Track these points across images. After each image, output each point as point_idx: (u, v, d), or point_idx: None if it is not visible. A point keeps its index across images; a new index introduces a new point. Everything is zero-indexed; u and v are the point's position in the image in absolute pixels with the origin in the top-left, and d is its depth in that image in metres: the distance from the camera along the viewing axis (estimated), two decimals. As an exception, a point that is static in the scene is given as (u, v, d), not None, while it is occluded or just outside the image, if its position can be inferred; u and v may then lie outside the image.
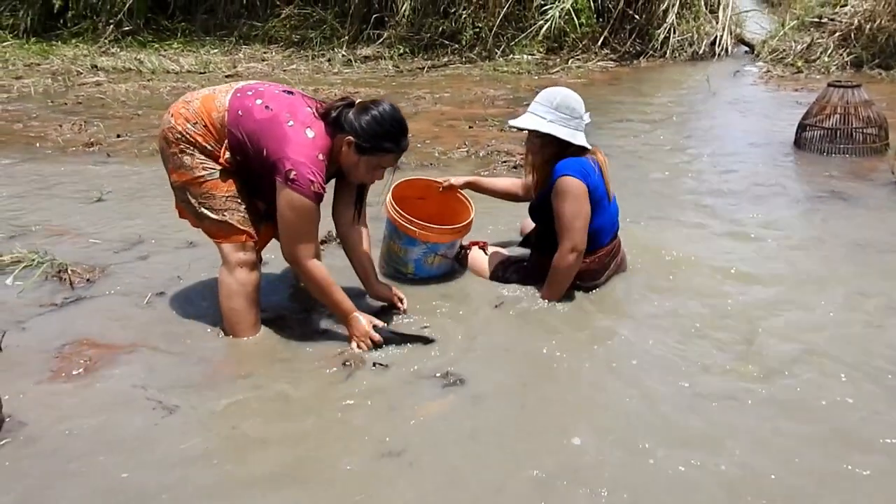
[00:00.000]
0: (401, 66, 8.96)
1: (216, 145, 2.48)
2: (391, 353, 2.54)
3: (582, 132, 2.86)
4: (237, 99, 2.47)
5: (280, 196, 2.38)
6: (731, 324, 2.73)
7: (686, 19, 9.57)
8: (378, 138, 2.47)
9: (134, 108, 6.69)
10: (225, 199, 2.53)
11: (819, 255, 3.36)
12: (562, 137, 2.80)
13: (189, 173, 2.50)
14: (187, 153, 2.48)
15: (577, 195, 2.75)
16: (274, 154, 2.37)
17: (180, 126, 2.47)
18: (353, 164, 2.52)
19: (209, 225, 2.56)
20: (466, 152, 5.16)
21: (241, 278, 2.60)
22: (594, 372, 2.45)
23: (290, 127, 2.40)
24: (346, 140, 2.46)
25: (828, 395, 2.29)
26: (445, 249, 3.09)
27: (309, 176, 2.34)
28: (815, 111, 5.05)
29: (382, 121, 2.47)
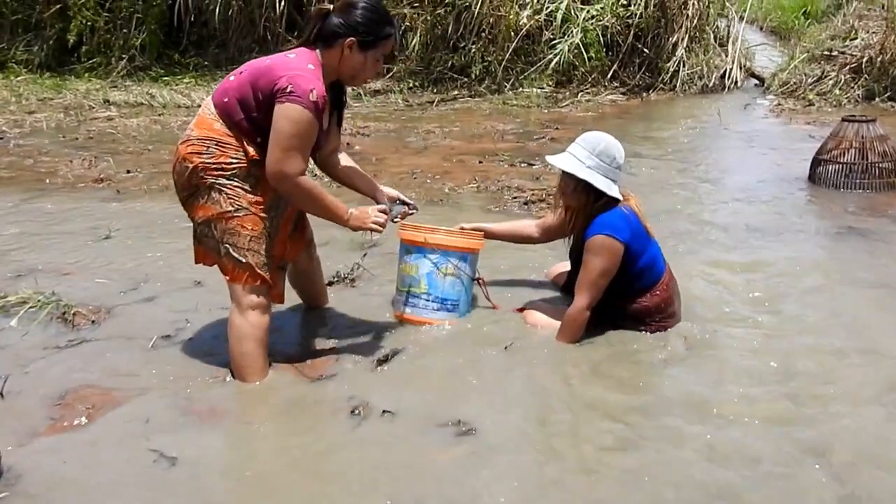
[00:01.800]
0: (410, 99, 8.98)
1: (237, 153, 2.43)
2: (401, 401, 2.46)
3: (617, 182, 2.83)
4: (215, 96, 2.46)
5: (276, 114, 2.30)
6: (757, 373, 2.64)
7: (695, 52, 9.57)
8: (379, 26, 2.46)
9: (144, 143, 6.70)
10: (249, 240, 2.48)
11: (842, 296, 3.26)
12: (597, 187, 2.77)
13: (216, 207, 2.45)
14: (216, 187, 2.44)
15: (613, 254, 2.74)
16: (268, 85, 2.31)
17: (199, 163, 2.43)
18: (360, 64, 2.48)
19: (228, 262, 2.51)
20: (476, 188, 5.12)
21: (253, 321, 2.54)
22: (606, 423, 2.36)
23: (270, 61, 2.39)
24: (345, 44, 2.42)
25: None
26: (457, 261, 2.98)
27: (307, 85, 2.28)
28: (830, 146, 5.00)
29: (374, 8, 2.46)
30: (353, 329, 3.00)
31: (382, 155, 6.17)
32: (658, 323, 2.89)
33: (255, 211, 2.48)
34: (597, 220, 2.79)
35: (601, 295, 2.79)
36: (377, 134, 7.09)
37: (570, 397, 2.49)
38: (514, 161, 5.88)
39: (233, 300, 2.56)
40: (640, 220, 2.85)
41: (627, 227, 2.77)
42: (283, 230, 2.64)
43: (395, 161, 5.98)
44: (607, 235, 2.73)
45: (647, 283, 2.86)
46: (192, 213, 2.53)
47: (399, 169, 5.71)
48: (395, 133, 7.15)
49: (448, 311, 3.01)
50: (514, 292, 3.31)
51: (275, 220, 2.57)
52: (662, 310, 2.88)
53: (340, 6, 2.45)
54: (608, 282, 2.78)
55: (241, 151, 2.43)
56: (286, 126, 2.29)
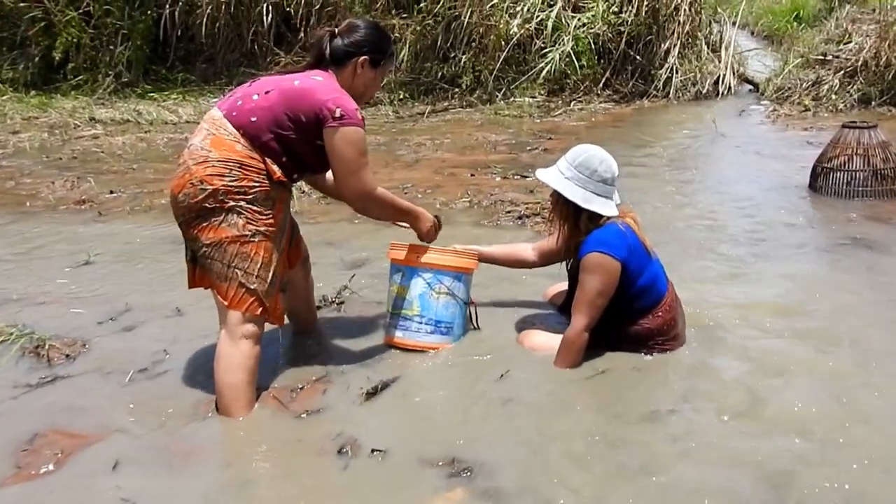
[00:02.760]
0: (401, 111, 8.86)
1: (260, 175, 2.35)
2: (391, 438, 2.31)
3: (605, 197, 2.70)
4: (237, 116, 2.36)
5: (333, 140, 2.33)
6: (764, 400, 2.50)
7: (688, 59, 9.47)
8: (384, 43, 2.55)
9: (129, 162, 6.56)
10: (260, 266, 2.38)
11: (851, 311, 3.13)
12: (571, 199, 2.66)
13: (232, 231, 2.34)
14: (235, 210, 2.33)
15: (609, 273, 2.61)
16: (312, 108, 2.32)
17: (221, 186, 2.31)
18: (371, 81, 2.54)
19: (230, 287, 2.37)
20: (469, 202, 4.98)
21: (245, 350, 2.41)
22: (612, 460, 2.22)
23: (300, 83, 2.37)
24: (359, 62, 2.47)
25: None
26: (451, 282, 2.84)
27: (352, 105, 2.34)
28: (831, 153, 4.88)
29: (376, 29, 2.58)
30: (340, 357, 2.86)
31: (373, 169, 5.99)
32: (661, 346, 2.75)
33: (269, 235, 2.40)
34: (591, 237, 2.67)
35: (600, 316, 2.66)
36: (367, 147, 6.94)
37: (572, 431, 2.34)
38: (507, 173, 5.76)
39: (225, 327, 2.42)
40: (639, 238, 2.71)
41: (623, 244, 2.64)
42: (284, 250, 2.55)
43: (386, 175, 5.84)
44: (602, 253, 2.60)
45: (648, 304, 2.72)
46: (199, 235, 2.37)
47: (390, 184, 5.55)
48: (385, 146, 7.02)
49: (442, 333, 2.86)
50: (511, 313, 3.17)
51: (281, 243, 2.49)
52: (665, 332, 2.74)
53: (345, 28, 2.51)
54: (606, 302, 2.64)
55: (263, 174, 2.36)
56: (351, 151, 2.35)
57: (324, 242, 3.91)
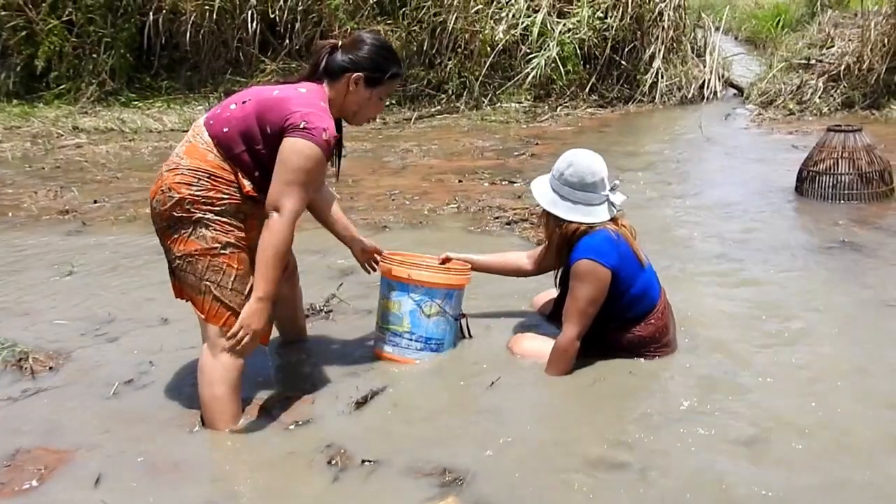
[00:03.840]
0: (387, 117, 8.83)
1: (230, 187, 2.28)
2: (381, 448, 2.28)
3: (593, 204, 2.66)
4: (213, 125, 2.30)
5: (283, 146, 2.19)
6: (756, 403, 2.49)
7: (673, 64, 9.52)
8: (386, 63, 2.42)
9: (113, 171, 6.49)
10: (233, 279, 2.31)
11: (837, 316, 3.14)
12: (556, 214, 2.66)
13: (200, 243, 2.28)
14: (203, 222, 2.27)
15: (600, 280, 2.57)
16: (279, 119, 2.20)
17: (187, 195, 2.25)
18: (365, 101, 2.43)
19: (205, 300, 2.32)
20: (457, 208, 4.96)
21: (227, 363, 2.36)
22: (604, 468, 2.20)
23: (279, 93, 2.28)
24: (352, 79, 2.36)
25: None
26: (442, 299, 2.78)
27: (320, 123, 2.19)
28: (816, 157, 4.90)
29: (382, 46, 2.44)
30: (329, 367, 2.82)
31: (359, 176, 6.00)
32: (652, 353, 2.73)
33: (242, 246, 2.33)
34: (580, 244, 2.63)
35: (590, 324, 2.63)
36: (354, 154, 6.92)
37: (563, 440, 2.32)
38: (495, 179, 5.74)
39: (205, 340, 2.38)
40: (630, 245, 2.68)
41: (614, 252, 2.61)
42: None
43: (373, 182, 5.81)
44: (592, 260, 2.57)
45: (640, 312, 2.70)
46: (171, 246, 2.33)
47: (377, 190, 5.55)
48: (372, 153, 6.99)
49: (432, 350, 2.82)
50: (499, 322, 3.14)
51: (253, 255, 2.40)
52: (657, 339, 2.72)
53: (349, 42, 2.42)
54: (597, 310, 2.62)
55: (233, 186, 2.29)
56: (294, 159, 2.18)
57: (310, 250, 3.87)
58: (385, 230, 4.52)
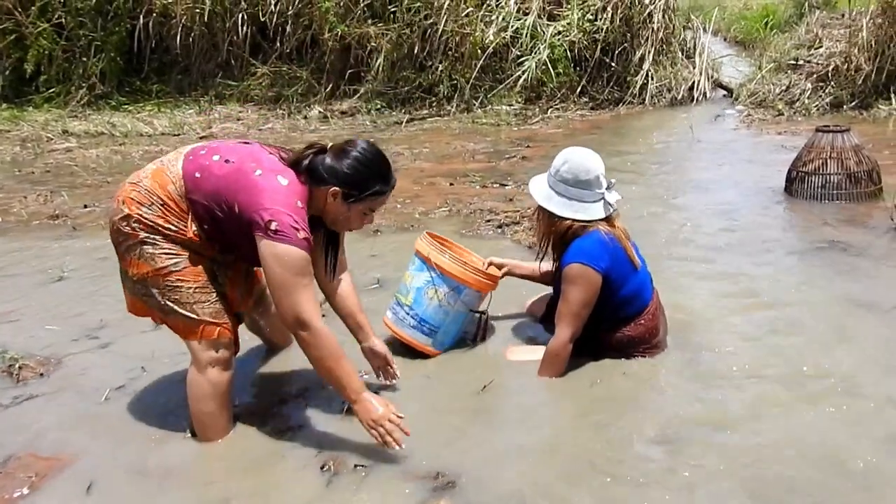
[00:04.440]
0: (378, 120, 8.84)
1: (179, 222, 2.21)
2: (374, 452, 2.28)
3: (588, 201, 2.65)
4: (191, 162, 2.21)
5: (263, 253, 2.08)
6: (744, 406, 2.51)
7: (663, 65, 9.56)
8: (367, 182, 2.24)
9: (104, 176, 6.47)
10: (193, 292, 2.26)
11: (829, 314, 3.16)
12: (549, 209, 2.65)
13: (150, 264, 2.21)
14: (148, 242, 2.20)
15: (591, 284, 2.57)
16: (248, 207, 2.10)
17: (135, 213, 2.20)
18: (343, 215, 2.29)
19: (176, 320, 2.28)
20: (448, 211, 4.97)
21: (214, 378, 2.33)
22: (597, 471, 2.21)
23: (259, 176, 2.13)
24: (330, 192, 2.21)
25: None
26: (450, 290, 2.82)
27: (292, 224, 2.07)
28: (805, 157, 4.92)
29: (367, 161, 2.24)
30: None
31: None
32: (641, 353, 2.75)
33: (193, 260, 2.26)
34: (572, 247, 2.63)
35: (583, 325, 2.64)
36: (345, 157, 6.91)
37: (555, 443, 2.33)
38: (486, 182, 5.75)
39: (191, 355, 2.35)
40: (623, 247, 2.69)
41: (605, 255, 2.61)
42: (234, 275, 2.42)
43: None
44: (582, 264, 2.58)
45: (631, 313, 2.72)
46: (126, 268, 2.28)
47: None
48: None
49: (423, 333, 2.86)
50: (493, 326, 3.15)
51: (221, 267, 2.36)
52: (647, 340, 2.74)
53: (337, 148, 2.26)
54: (589, 311, 2.63)
55: (182, 222, 2.22)
56: (282, 273, 2.08)
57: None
58: (377, 234, 4.52)
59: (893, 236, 4.08)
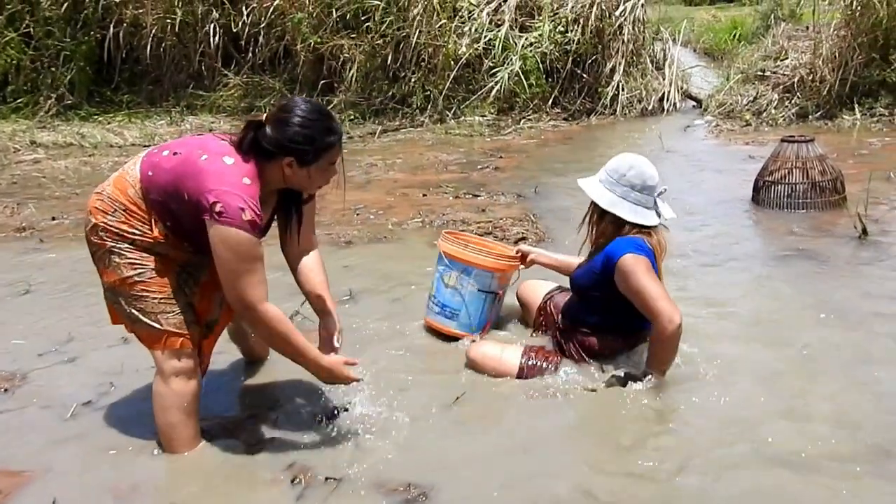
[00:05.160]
0: (351, 131, 8.82)
1: (143, 226, 2.21)
2: (345, 465, 2.27)
3: (647, 207, 2.65)
4: (145, 162, 2.23)
5: (212, 238, 2.07)
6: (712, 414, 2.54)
7: (633, 76, 9.68)
8: (316, 141, 2.18)
9: (72, 187, 6.39)
10: (158, 302, 2.26)
11: (794, 324, 3.21)
12: (617, 213, 2.63)
13: (116, 273, 2.23)
14: (115, 251, 2.22)
15: (648, 266, 2.53)
16: (195, 192, 2.08)
17: (101, 222, 2.22)
18: (305, 179, 2.25)
19: (140, 329, 2.29)
20: (421, 222, 4.98)
21: (178, 388, 2.31)
22: (565, 481, 2.22)
23: (205, 160, 2.12)
24: (284, 164, 2.17)
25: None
26: (460, 273, 3.05)
27: (237, 203, 2.04)
28: (771, 167, 5.02)
29: (309, 122, 2.17)
30: (292, 385, 2.80)
31: (323, 190, 5.91)
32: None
33: (160, 270, 2.26)
34: (610, 247, 2.59)
35: (673, 303, 2.50)
36: (318, 168, 6.90)
37: (527, 454, 2.34)
38: (459, 192, 5.77)
39: (155, 365, 2.34)
40: (656, 261, 2.63)
41: (646, 248, 2.58)
42: (203, 287, 2.39)
43: (337, 197, 5.72)
44: (633, 253, 2.53)
45: (633, 328, 2.70)
46: (99, 274, 2.32)
47: (341, 205, 5.51)
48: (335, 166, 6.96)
49: (447, 317, 3.10)
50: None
51: (191, 277, 2.35)
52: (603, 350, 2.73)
53: (274, 118, 2.18)
54: (665, 290, 2.52)
55: (146, 225, 2.22)
56: (226, 253, 2.07)
57: (273, 266, 3.83)
58: (349, 245, 4.52)
59: (857, 244, 4.17)
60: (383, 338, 3.18)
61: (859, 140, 7.30)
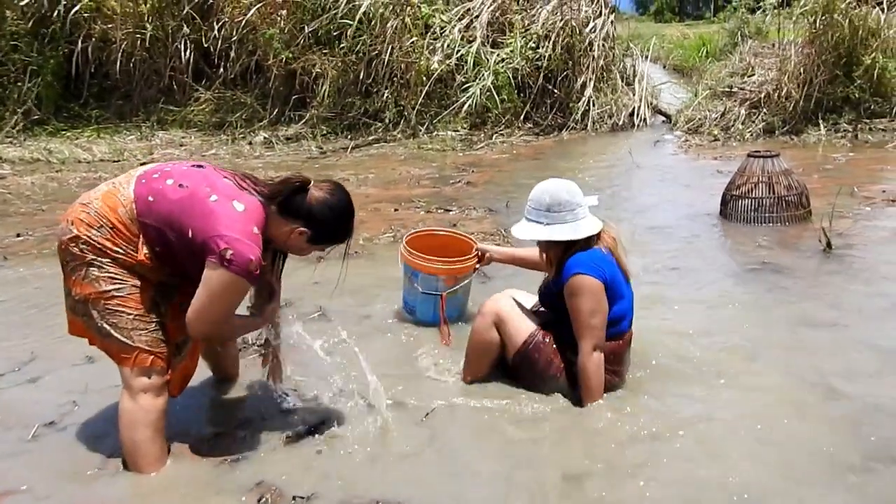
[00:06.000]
0: (324, 146, 8.82)
1: (129, 246, 2.19)
2: (314, 483, 2.25)
3: (583, 218, 2.69)
4: (144, 185, 2.20)
5: (211, 276, 2.11)
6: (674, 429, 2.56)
7: (604, 92, 9.81)
8: (335, 233, 2.36)
9: (38, 203, 6.30)
10: (133, 318, 2.23)
11: (763, 337, 3.24)
12: (562, 240, 2.66)
13: (94, 286, 2.19)
14: (95, 265, 2.19)
15: (594, 292, 2.58)
16: (203, 233, 2.11)
17: (83, 234, 2.17)
18: (299, 249, 2.39)
19: (111, 344, 2.25)
20: (393, 237, 4.97)
21: (146, 405, 2.28)
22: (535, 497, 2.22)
23: (215, 202, 2.14)
24: (297, 230, 2.28)
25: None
26: (409, 276, 3.37)
27: (248, 254, 2.10)
28: (738, 181, 5.09)
29: (340, 214, 2.33)
30: (261, 403, 2.77)
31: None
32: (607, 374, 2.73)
33: (138, 286, 2.24)
34: (568, 262, 2.64)
35: (603, 334, 2.61)
36: (290, 184, 6.87)
37: (498, 470, 2.33)
38: (431, 207, 5.78)
39: (122, 382, 2.30)
40: (619, 264, 2.70)
41: (603, 265, 2.63)
42: (174, 308, 2.35)
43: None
44: (581, 274, 2.58)
45: (614, 333, 2.70)
46: (70, 287, 2.27)
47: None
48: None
49: (408, 312, 3.49)
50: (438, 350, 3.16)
51: (165, 297, 2.32)
52: (612, 364, 2.70)
53: (321, 191, 2.28)
54: (604, 319, 2.61)
55: (132, 246, 2.20)
56: (220, 294, 2.14)
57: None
58: (319, 261, 4.48)
59: (822, 257, 4.24)
60: (354, 354, 3.15)
61: (824, 155, 7.45)
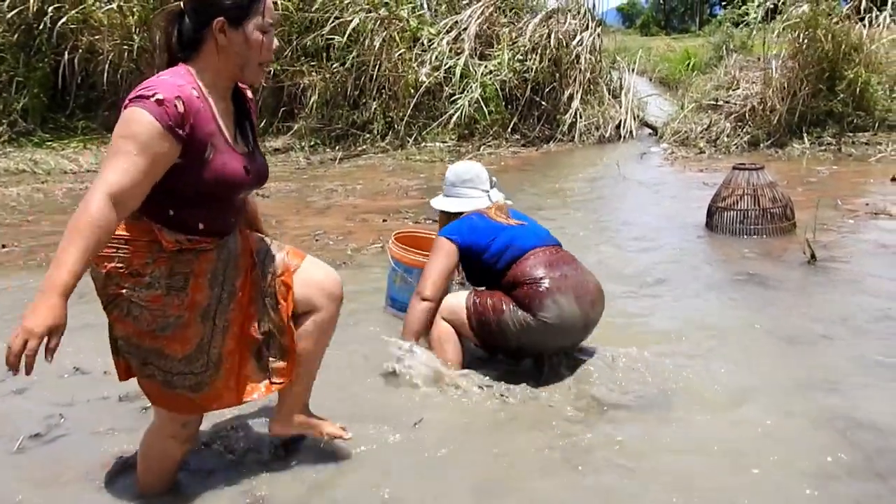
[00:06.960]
0: (312, 157, 8.83)
1: (151, 247, 1.96)
2: (301, 494, 2.24)
3: (465, 197, 3.16)
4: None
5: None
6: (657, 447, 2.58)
7: (591, 104, 9.89)
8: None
9: (24, 214, 6.26)
10: (179, 361, 2.03)
11: (749, 349, 3.27)
12: (439, 208, 3.23)
13: (136, 325, 1.98)
14: (135, 301, 1.96)
15: (441, 251, 3.02)
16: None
17: (111, 270, 1.95)
18: (243, 45, 1.96)
19: (152, 384, 2.06)
20: (381, 248, 4.98)
21: (170, 450, 2.21)
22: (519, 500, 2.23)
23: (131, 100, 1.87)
24: (215, 29, 1.92)
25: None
26: (402, 273, 3.44)
27: (153, 88, 1.83)
28: (724, 193, 5.14)
29: None
30: (249, 414, 2.76)
31: (283, 216, 5.97)
32: (529, 286, 2.85)
33: (188, 320, 2.03)
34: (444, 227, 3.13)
35: (440, 287, 3.01)
36: (278, 194, 6.89)
37: (490, 477, 2.34)
38: (419, 218, 5.80)
39: (156, 417, 2.20)
40: (491, 219, 3.06)
41: (465, 229, 3.03)
42: (234, 322, 2.12)
43: (297, 222, 5.79)
44: (441, 236, 3.05)
45: (509, 259, 2.96)
46: (113, 323, 2.05)
47: (300, 231, 5.52)
48: (296, 193, 6.97)
49: (398, 310, 3.47)
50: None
51: (220, 317, 2.10)
52: (528, 273, 2.89)
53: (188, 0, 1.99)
54: (442, 280, 3.01)
55: (155, 245, 1.97)
56: (118, 127, 1.83)
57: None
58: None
59: (807, 269, 4.28)
60: (340, 365, 3.15)
61: (808, 168, 7.53)
